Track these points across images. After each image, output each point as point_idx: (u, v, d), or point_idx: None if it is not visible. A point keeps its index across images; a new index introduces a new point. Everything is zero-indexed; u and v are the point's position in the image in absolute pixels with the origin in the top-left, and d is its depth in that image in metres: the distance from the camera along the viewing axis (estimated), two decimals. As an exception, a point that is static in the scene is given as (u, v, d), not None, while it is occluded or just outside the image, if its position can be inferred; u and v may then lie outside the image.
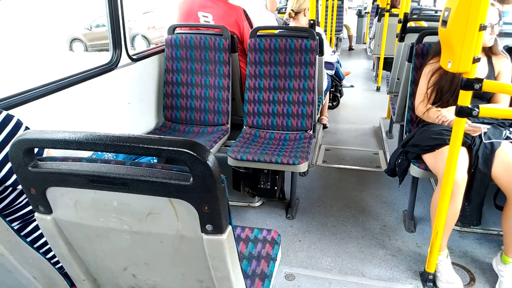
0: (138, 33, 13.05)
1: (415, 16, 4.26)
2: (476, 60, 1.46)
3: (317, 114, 3.10)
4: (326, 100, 4.11)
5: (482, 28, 1.41)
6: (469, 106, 1.51)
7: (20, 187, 1.16)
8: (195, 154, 0.74)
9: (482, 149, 1.86)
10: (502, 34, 2.12)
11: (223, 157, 2.37)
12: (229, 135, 2.68)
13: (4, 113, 1.15)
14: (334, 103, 4.79)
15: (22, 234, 1.16)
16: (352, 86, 4.91)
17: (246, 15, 2.79)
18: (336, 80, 4.51)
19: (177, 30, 2.75)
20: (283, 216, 2.54)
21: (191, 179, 0.77)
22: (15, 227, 1.21)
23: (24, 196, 1.25)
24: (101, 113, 2.27)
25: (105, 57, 2.40)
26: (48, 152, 1.25)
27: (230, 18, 2.74)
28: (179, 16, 2.91)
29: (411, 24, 3.71)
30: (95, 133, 0.78)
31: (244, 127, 2.71)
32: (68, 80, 1.98)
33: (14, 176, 1.13)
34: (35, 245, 1.24)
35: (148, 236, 0.90)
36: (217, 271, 0.91)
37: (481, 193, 1.89)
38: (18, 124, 1.16)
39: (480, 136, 1.88)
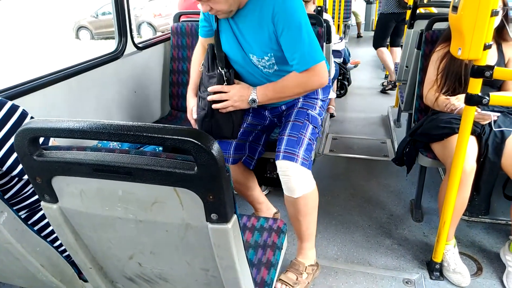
0: (144, 20, 13.00)
1: (425, 2, 4.18)
2: (487, 47, 1.42)
3: (324, 103, 3.07)
4: (333, 89, 4.07)
5: (494, 13, 1.37)
6: (479, 94, 1.49)
7: (26, 177, 1.17)
8: (199, 143, 0.73)
9: (492, 138, 1.83)
10: (511, 20, 2.07)
11: (229, 146, 2.36)
12: (235, 124, 2.66)
13: (9, 103, 1.15)
14: (342, 92, 4.75)
15: (29, 223, 1.16)
16: (355, 66, 4.85)
17: None
18: (344, 68, 4.46)
19: (183, 18, 2.72)
20: (290, 205, 2.53)
21: (196, 168, 0.76)
22: (22, 216, 1.22)
23: (31, 185, 1.26)
24: (107, 102, 2.27)
25: (111, 45, 2.39)
26: (53, 142, 1.25)
27: None
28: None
29: (420, 10, 3.64)
30: (99, 122, 0.77)
31: (251, 115, 2.69)
32: (74, 69, 1.98)
33: (20, 167, 1.14)
34: (42, 234, 1.25)
35: (154, 225, 0.90)
36: (222, 260, 0.91)
37: (490, 183, 1.87)
38: (24, 115, 1.16)
39: (490, 124, 1.85)
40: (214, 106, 1.66)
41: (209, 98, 1.66)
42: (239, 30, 1.66)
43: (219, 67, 1.69)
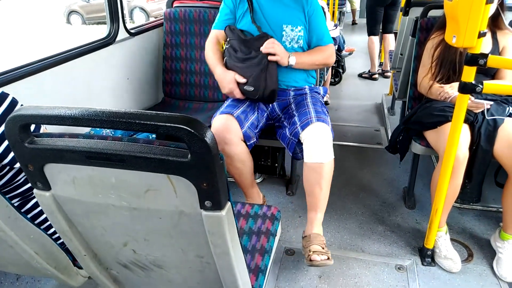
0: (137, 6, 12.80)
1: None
2: (481, 35, 1.42)
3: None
4: (328, 76, 4.06)
5: (489, 1, 1.36)
6: (473, 82, 1.49)
7: (18, 165, 1.16)
8: (193, 131, 0.72)
9: (484, 126, 1.84)
10: (507, 8, 2.06)
11: (223, 134, 2.35)
12: (230, 111, 2.65)
13: None
14: (336, 79, 4.73)
15: (22, 210, 1.16)
16: (350, 53, 4.83)
17: None
18: (339, 56, 4.44)
19: (176, 3, 2.68)
20: (283, 192, 2.54)
21: (189, 155, 0.76)
22: (15, 204, 1.22)
23: (23, 173, 1.25)
24: (99, 88, 2.24)
25: (104, 31, 2.35)
26: (44, 129, 1.24)
27: None
28: None
29: (416, -3, 3.61)
30: (91, 109, 0.76)
31: (245, 103, 2.68)
32: (65, 55, 1.95)
33: (11, 155, 1.13)
34: (36, 222, 1.25)
35: (147, 212, 0.90)
36: (217, 247, 0.92)
37: (482, 171, 1.89)
38: (13, 103, 1.15)
39: (483, 112, 1.86)
40: (270, 57, 1.92)
41: (264, 49, 1.91)
42: (271, 7, 2.01)
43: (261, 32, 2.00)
